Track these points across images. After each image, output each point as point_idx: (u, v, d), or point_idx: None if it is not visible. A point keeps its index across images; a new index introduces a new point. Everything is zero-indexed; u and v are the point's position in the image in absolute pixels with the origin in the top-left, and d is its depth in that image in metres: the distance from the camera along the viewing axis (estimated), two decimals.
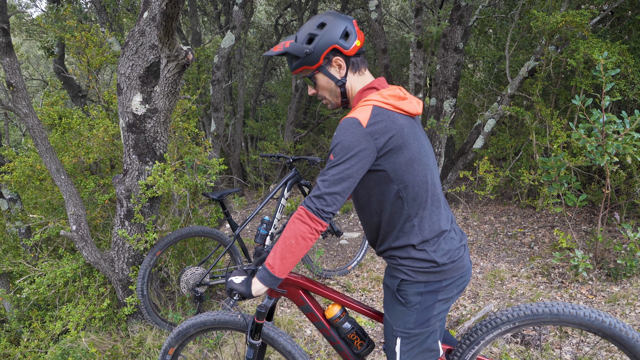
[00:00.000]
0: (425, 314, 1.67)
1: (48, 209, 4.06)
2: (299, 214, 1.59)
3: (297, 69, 1.71)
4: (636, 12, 4.61)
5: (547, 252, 4.20)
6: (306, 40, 1.65)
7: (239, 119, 9.06)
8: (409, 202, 1.62)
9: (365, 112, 1.56)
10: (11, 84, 2.89)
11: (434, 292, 1.66)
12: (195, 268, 3.51)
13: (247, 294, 1.68)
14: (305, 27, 1.68)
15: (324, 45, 1.63)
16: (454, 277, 1.67)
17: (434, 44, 6.42)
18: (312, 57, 1.65)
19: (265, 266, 1.64)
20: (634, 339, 1.64)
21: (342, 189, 1.55)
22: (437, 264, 1.63)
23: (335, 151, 1.54)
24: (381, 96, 1.61)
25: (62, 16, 4.94)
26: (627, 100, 4.92)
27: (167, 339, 2.10)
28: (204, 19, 11.37)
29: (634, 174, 4.01)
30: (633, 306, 3.18)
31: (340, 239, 5.48)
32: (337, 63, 1.67)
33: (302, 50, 1.65)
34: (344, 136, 1.54)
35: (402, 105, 1.61)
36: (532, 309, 1.73)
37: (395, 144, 1.55)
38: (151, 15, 2.94)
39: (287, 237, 1.59)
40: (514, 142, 5.46)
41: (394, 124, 1.56)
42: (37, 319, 3.54)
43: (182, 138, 3.96)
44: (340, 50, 1.65)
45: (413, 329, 1.68)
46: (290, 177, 3.82)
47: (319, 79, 1.71)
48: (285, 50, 1.69)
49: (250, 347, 1.93)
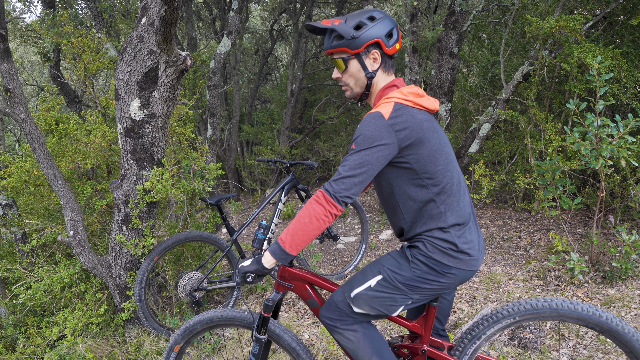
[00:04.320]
0: (418, 281, 1.72)
1: (44, 215, 4.04)
2: (316, 196, 1.65)
3: (336, 48, 1.75)
4: (628, 17, 4.66)
5: (543, 255, 4.22)
6: (355, 26, 1.72)
7: (235, 124, 9.06)
8: (435, 192, 1.68)
9: (388, 107, 1.65)
10: (9, 89, 2.89)
11: (439, 273, 1.70)
12: (192, 273, 3.51)
13: (260, 268, 1.73)
14: (355, 14, 1.75)
15: (370, 35, 1.71)
16: (461, 270, 1.71)
17: (428, 49, 6.46)
18: (356, 43, 1.71)
19: (278, 241, 1.69)
20: (630, 333, 1.68)
21: (361, 174, 1.61)
22: (456, 247, 1.68)
23: (358, 141, 1.62)
24: (402, 94, 1.69)
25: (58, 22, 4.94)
26: (620, 104, 4.96)
27: (173, 336, 2.10)
28: (199, 24, 11.38)
29: (628, 177, 4.04)
30: (629, 308, 3.20)
31: (337, 244, 5.49)
32: (373, 56, 1.75)
33: (349, 33, 1.71)
34: (366, 127, 1.62)
35: (421, 102, 1.69)
36: (531, 303, 1.77)
37: (416, 138, 1.63)
38: (149, 21, 2.95)
39: (301, 216, 1.66)
40: (509, 146, 5.49)
41: (413, 119, 1.64)
42: (33, 325, 3.52)
43: (180, 143, 3.96)
44: (381, 46, 1.73)
45: (398, 282, 1.73)
46: (288, 181, 3.83)
47: (352, 65, 1.76)
48: (334, 27, 1.73)
49: (257, 342, 1.96)
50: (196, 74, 7.40)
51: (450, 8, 5.63)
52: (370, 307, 1.77)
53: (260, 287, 4.23)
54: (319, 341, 3.25)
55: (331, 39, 1.75)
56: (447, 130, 5.98)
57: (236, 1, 6.18)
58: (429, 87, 6.03)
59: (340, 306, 1.81)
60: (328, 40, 1.76)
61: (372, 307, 1.77)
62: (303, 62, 8.96)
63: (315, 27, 1.74)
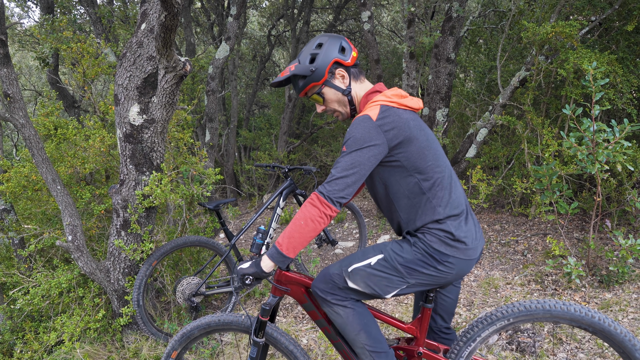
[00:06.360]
0: (417, 264, 1.76)
1: (42, 220, 4.04)
2: (311, 198, 1.70)
3: (305, 88, 1.87)
4: (623, 23, 4.70)
5: (540, 259, 4.24)
6: (309, 60, 1.83)
7: (232, 129, 9.08)
8: (427, 187, 1.74)
9: (375, 110, 1.71)
10: (8, 94, 2.90)
11: (437, 260, 1.74)
12: (191, 278, 3.51)
13: (259, 271, 1.76)
14: (305, 50, 1.86)
15: (325, 60, 1.81)
16: (459, 260, 1.75)
17: (426, 54, 6.50)
18: (317, 74, 1.82)
19: (275, 244, 1.74)
20: (622, 334, 1.70)
21: (353, 174, 1.67)
22: (453, 235, 1.73)
23: (348, 143, 1.69)
24: (385, 96, 1.77)
25: (57, 27, 4.96)
26: (616, 109, 5.00)
27: (170, 342, 2.11)
28: (197, 30, 11.41)
29: (624, 181, 4.07)
30: (625, 312, 3.21)
31: (335, 248, 5.49)
32: (340, 74, 1.84)
33: (307, 69, 1.82)
34: (356, 130, 1.68)
35: (405, 102, 1.77)
36: (525, 305, 1.80)
37: (404, 137, 1.69)
38: (149, 27, 2.97)
39: (297, 219, 1.70)
40: (506, 150, 5.52)
41: (400, 118, 1.71)
42: (31, 330, 3.51)
43: (178, 148, 3.97)
44: (341, 63, 1.82)
45: (398, 263, 1.77)
46: (286, 186, 3.84)
47: (326, 93, 1.86)
48: (292, 72, 1.85)
49: (254, 345, 1.99)
50: (194, 79, 7.41)
51: (447, 14, 5.67)
52: (365, 285, 1.80)
53: (259, 292, 4.23)
54: (318, 346, 3.25)
55: (297, 82, 1.87)
56: (445, 135, 6.00)
57: (234, 7, 6.21)
58: (427, 92, 6.06)
59: (335, 279, 1.84)
60: (296, 85, 1.88)
61: (367, 284, 1.80)
62: None
63: (280, 80, 1.88)
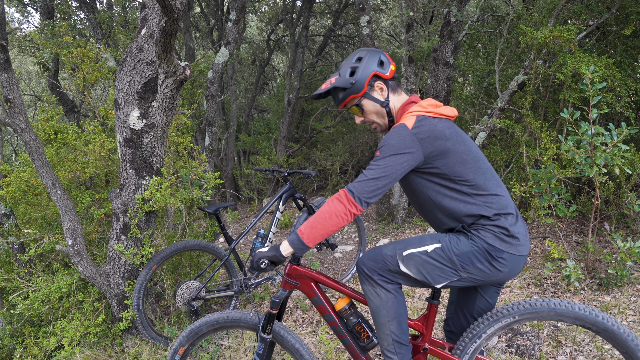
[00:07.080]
0: (473, 258, 1.77)
1: (42, 224, 4.04)
2: (339, 194, 1.75)
3: (345, 99, 1.92)
4: (621, 27, 4.73)
5: (539, 262, 4.25)
6: (349, 73, 1.89)
7: (232, 134, 9.09)
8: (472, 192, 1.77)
9: (411, 120, 1.77)
10: (9, 99, 2.91)
11: (492, 256, 1.76)
12: (190, 282, 3.51)
13: (277, 255, 1.82)
14: (345, 64, 1.93)
15: (365, 73, 1.88)
16: (512, 255, 1.76)
17: (424, 58, 6.53)
18: (357, 86, 1.88)
19: (297, 231, 1.79)
20: (625, 333, 1.72)
21: (384, 179, 1.72)
22: (507, 231, 1.75)
23: (383, 149, 1.74)
24: (421, 107, 1.82)
25: (57, 32, 4.98)
26: (614, 113, 5.02)
27: (178, 338, 2.12)
28: (196, 35, 11.45)
29: (622, 184, 4.08)
30: (625, 315, 3.22)
31: (334, 252, 5.50)
32: (378, 87, 1.90)
33: (348, 82, 1.88)
34: (391, 137, 1.74)
35: (440, 111, 1.82)
36: (530, 303, 1.82)
37: (441, 145, 1.73)
38: (149, 32, 2.98)
39: (322, 212, 1.76)
40: (504, 154, 5.53)
41: (435, 127, 1.75)
42: (31, 335, 3.51)
43: (178, 153, 3.98)
44: (380, 76, 1.89)
45: (454, 254, 1.78)
46: (285, 190, 3.85)
47: (365, 104, 1.93)
48: (333, 85, 1.91)
49: (262, 341, 2.01)
50: (194, 83, 7.44)
51: (446, 18, 5.70)
52: (417, 271, 1.82)
53: (258, 296, 4.23)
54: (317, 350, 3.26)
55: (337, 94, 1.93)
56: None
57: (234, 12, 6.23)
58: (425, 96, 6.09)
59: (387, 260, 1.85)
60: (335, 97, 1.94)
61: (419, 271, 1.81)
62: (300, 72, 9.02)
63: (321, 92, 1.95)
